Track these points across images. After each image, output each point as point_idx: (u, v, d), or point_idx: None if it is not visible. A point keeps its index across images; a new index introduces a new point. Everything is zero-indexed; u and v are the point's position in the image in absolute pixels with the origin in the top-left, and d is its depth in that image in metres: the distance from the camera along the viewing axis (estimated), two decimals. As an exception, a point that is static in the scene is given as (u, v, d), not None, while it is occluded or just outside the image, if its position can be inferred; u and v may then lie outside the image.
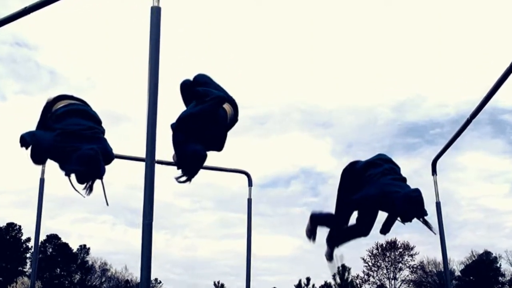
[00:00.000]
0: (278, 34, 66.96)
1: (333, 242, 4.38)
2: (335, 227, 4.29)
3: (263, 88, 69.11)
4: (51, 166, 3.72)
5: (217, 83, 3.93)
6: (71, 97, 3.82)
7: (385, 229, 4.09)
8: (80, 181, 3.41)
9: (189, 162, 3.60)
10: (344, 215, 4.21)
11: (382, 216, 4.12)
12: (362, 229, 4.21)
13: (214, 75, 3.94)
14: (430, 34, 64.13)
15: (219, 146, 3.87)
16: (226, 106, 3.82)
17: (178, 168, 3.66)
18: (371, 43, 65.56)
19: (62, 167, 3.49)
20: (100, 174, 3.43)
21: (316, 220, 4.39)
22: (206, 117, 3.66)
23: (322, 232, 4.43)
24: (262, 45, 68.64)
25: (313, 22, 65.32)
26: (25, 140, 3.49)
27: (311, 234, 4.39)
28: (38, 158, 3.69)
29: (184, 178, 3.65)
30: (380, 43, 65.58)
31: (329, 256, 4.46)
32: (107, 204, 3.49)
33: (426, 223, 3.79)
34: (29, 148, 3.54)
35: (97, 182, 3.48)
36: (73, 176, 3.42)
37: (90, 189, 3.47)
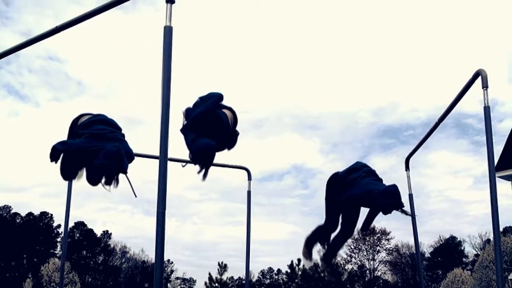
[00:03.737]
0: (273, 51, 66.98)
1: (328, 257, 4.34)
2: (328, 231, 4.22)
3: (260, 96, 69.14)
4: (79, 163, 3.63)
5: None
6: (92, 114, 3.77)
7: (364, 227, 4.09)
8: (106, 175, 3.35)
9: (202, 154, 3.51)
10: (333, 217, 4.17)
11: (361, 217, 4.13)
12: (347, 232, 4.19)
13: (217, 84, 3.92)
14: (404, 48, 64.13)
15: (229, 145, 3.81)
16: (227, 112, 3.78)
17: (194, 163, 3.58)
18: (354, 56, 65.56)
19: (89, 167, 3.38)
20: (123, 168, 3.36)
21: (311, 240, 4.29)
22: (209, 115, 3.62)
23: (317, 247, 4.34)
24: (260, 59, 68.65)
25: (302, 40, 65.23)
26: (56, 149, 3.35)
27: (308, 255, 4.33)
28: (68, 172, 3.54)
29: (203, 172, 3.57)
30: (362, 56, 65.60)
31: (328, 268, 4.50)
32: (135, 196, 3.41)
33: (403, 211, 3.80)
34: (59, 162, 3.41)
35: (122, 177, 3.42)
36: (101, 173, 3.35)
37: (116, 182, 3.44)
